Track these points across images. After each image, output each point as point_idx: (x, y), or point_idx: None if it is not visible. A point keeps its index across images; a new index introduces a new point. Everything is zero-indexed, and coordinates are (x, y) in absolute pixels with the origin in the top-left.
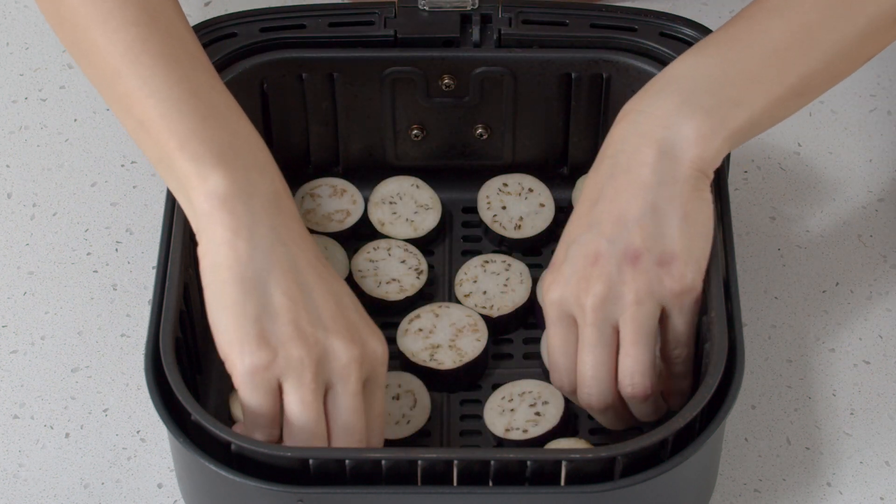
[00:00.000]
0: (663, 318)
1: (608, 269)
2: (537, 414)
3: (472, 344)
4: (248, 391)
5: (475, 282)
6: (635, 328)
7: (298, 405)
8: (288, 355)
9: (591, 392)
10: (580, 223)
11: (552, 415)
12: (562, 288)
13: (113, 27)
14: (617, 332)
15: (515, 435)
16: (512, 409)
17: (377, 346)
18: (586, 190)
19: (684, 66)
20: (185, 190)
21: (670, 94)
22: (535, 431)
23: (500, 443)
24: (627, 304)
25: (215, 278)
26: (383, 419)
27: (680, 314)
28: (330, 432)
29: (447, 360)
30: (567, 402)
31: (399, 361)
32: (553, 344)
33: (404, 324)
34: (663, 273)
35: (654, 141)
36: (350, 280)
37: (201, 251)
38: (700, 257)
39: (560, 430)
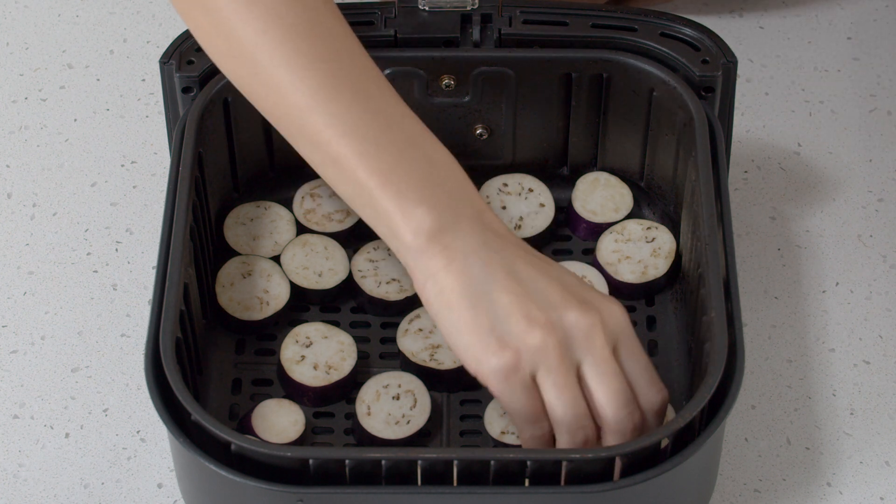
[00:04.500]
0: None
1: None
2: None
3: None
4: (508, 396)
5: None
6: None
7: (554, 390)
8: (528, 347)
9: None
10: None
11: None
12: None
13: (301, 65)
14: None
15: (510, 439)
16: None
17: (612, 307)
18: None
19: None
20: (389, 226)
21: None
22: None
23: (495, 444)
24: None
25: (442, 306)
26: (652, 372)
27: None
28: (598, 408)
29: (447, 360)
30: None
31: (399, 361)
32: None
33: (404, 324)
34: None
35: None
36: (350, 280)
37: (419, 284)
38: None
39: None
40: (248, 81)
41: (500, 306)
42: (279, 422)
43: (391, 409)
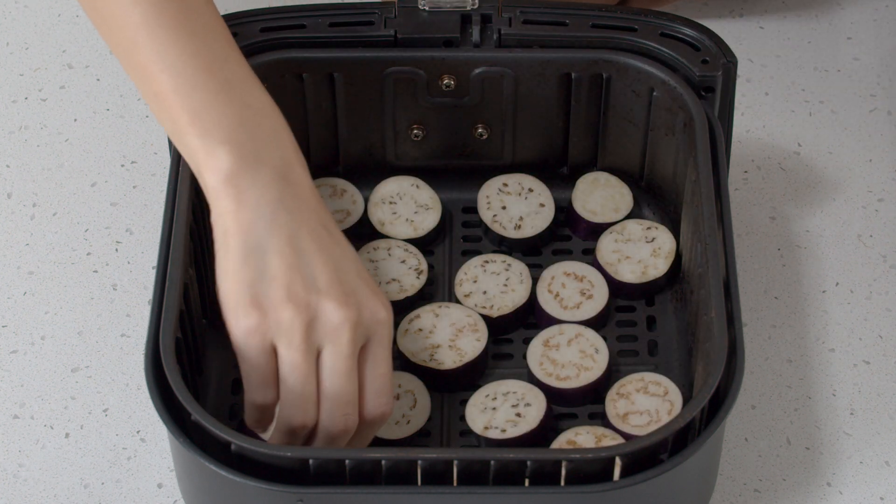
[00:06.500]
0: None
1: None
2: (518, 415)
3: (472, 344)
4: (243, 352)
5: (475, 282)
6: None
7: (289, 366)
8: (278, 318)
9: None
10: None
11: (532, 417)
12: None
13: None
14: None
15: (493, 434)
16: (494, 408)
17: (377, 307)
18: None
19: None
20: (195, 163)
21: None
22: (514, 432)
23: (478, 440)
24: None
25: (221, 247)
26: (386, 383)
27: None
28: (319, 395)
29: (447, 360)
30: (548, 405)
31: (399, 361)
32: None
33: (404, 324)
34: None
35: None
36: None
37: (213, 221)
38: None
39: (539, 433)
40: (90, 9)
41: (269, 268)
42: None
43: None
